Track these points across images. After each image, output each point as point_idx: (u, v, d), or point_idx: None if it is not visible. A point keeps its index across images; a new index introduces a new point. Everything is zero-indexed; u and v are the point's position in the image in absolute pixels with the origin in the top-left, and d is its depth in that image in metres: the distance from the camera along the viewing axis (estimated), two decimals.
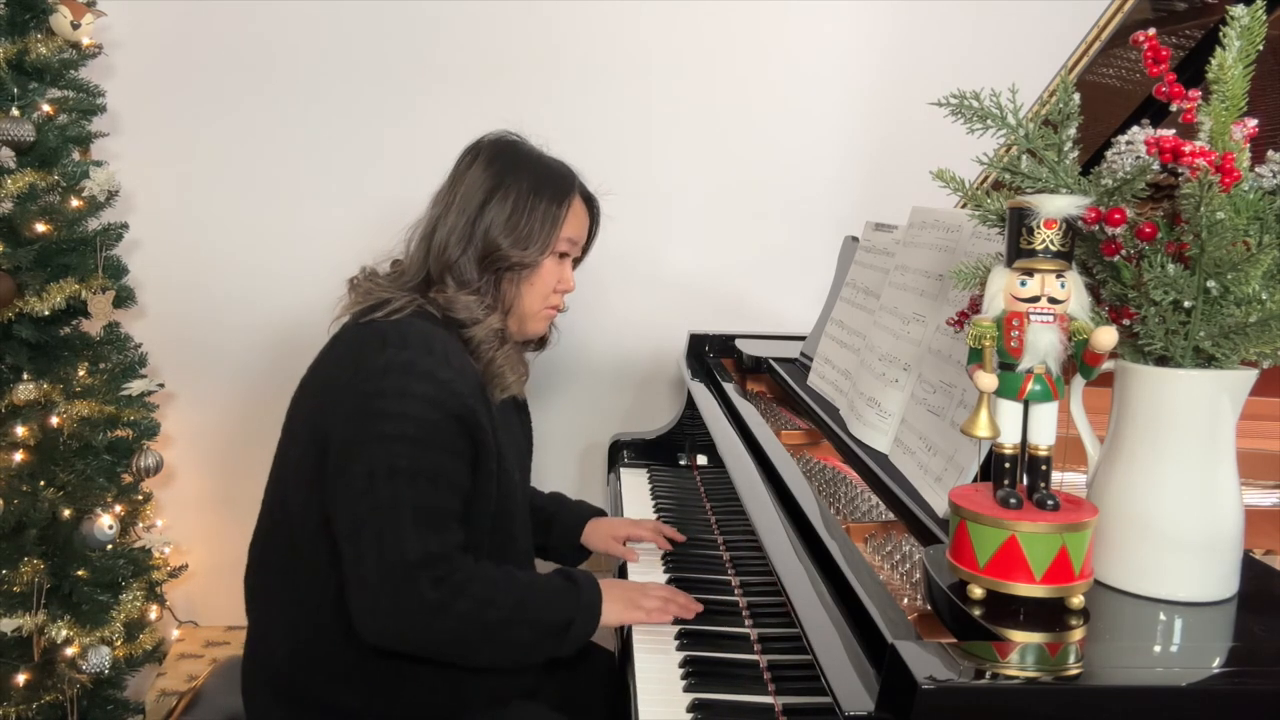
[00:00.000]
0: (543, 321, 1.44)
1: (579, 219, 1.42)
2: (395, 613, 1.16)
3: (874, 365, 1.40)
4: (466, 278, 1.32)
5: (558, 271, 1.41)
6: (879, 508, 1.27)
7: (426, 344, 1.24)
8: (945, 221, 1.35)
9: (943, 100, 0.92)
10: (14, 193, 1.84)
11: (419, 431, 1.19)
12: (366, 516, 1.17)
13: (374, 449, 1.18)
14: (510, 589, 1.23)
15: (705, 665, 1.24)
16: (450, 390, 1.22)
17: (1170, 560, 0.84)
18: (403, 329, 1.26)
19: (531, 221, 1.34)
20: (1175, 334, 0.84)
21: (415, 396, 1.19)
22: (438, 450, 1.20)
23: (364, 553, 1.16)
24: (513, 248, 1.33)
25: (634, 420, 2.45)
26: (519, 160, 1.39)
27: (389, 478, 1.17)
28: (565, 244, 1.39)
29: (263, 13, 2.27)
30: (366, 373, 1.22)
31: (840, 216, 2.36)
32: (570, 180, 1.41)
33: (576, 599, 1.28)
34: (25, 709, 1.84)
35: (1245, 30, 0.83)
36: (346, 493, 1.19)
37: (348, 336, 1.32)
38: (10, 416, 1.87)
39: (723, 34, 2.34)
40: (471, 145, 1.42)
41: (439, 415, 1.20)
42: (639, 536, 1.62)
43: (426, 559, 1.16)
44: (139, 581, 2.02)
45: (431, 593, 1.15)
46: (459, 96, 2.30)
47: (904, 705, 0.69)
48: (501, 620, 1.21)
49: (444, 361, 1.23)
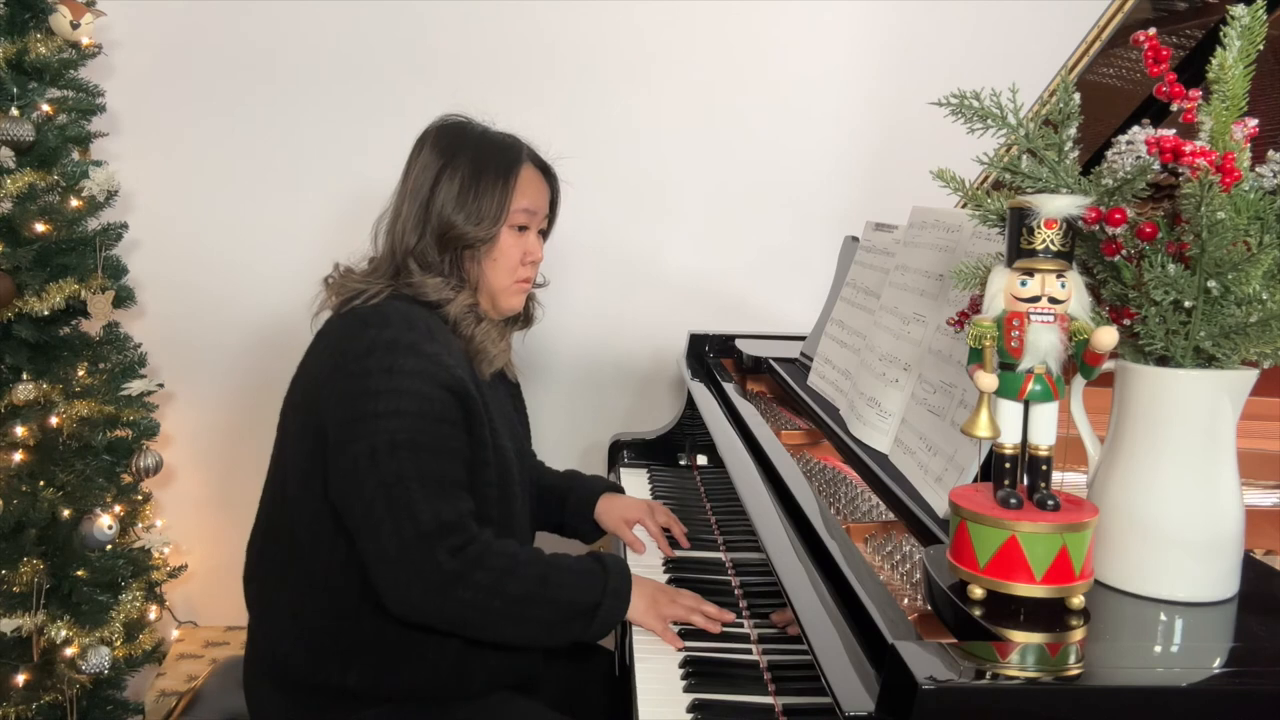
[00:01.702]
0: (516, 296, 1.43)
1: (533, 187, 1.40)
2: (416, 582, 1.17)
3: (874, 365, 1.40)
4: (429, 260, 1.33)
5: (520, 243, 1.40)
6: (879, 508, 1.27)
7: (408, 321, 1.26)
8: (945, 221, 1.35)
9: (943, 100, 0.92)
10: (14, 193, 1.84)
11: (412, 404, 1.20)
12: (375, 493, 1.18)
13: (371, 426, 1.19)
14: (532, 565, 1.23)
15: (705, 665, 1.24)
16: (437, 362, 1.23)
17: (1170, 560, 0.84)
18: (383, 310, 1.28)
19: (481, 195, 1.34)
20: (1176, 334, 0.84)
21: (403, 372, 1.21)
22: (434, 420, 1.21)
23: (379, 528, 1.17)
24: (466, 224, 1.33)
25: (634, 420, 2.45)
26: (463, 138, 1.39)
27: (390, 452, 1.18)
28: (521, 215, 1.38)
29: (263, 13, 2.27)
30: (352, 355, 1.23)
31: (840, 216, 2.36)
32: (516, 150, 1.40)
33: (604, 583, 1.27)
34: (25, 709, 1.84)
35: (1245, 30, 0.83)
36: (352, 474, 1.20)
37: (329, 328, 1.34)
38: (10, 416, 1.87)
39: (721, 34, 2.34)
40: (421, 134, 1.43)
41: (429, 387, 1.21)
42: (644, 527, 1.62)
43: (441, 527, 1.17)
44: (138, 581, 2.02)
45: (450, 562, 1.16)
46: (459, 97, 2.29)
47: (904, 705, 0.69)
48: (522, 595, 1.20)
49: (428, 336, 1.25)
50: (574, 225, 2.37)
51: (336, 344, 1.28)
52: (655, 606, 1.30)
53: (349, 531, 1.22)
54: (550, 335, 2.38)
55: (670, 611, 1.30)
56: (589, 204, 2.35)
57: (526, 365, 2.34)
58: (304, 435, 1.27)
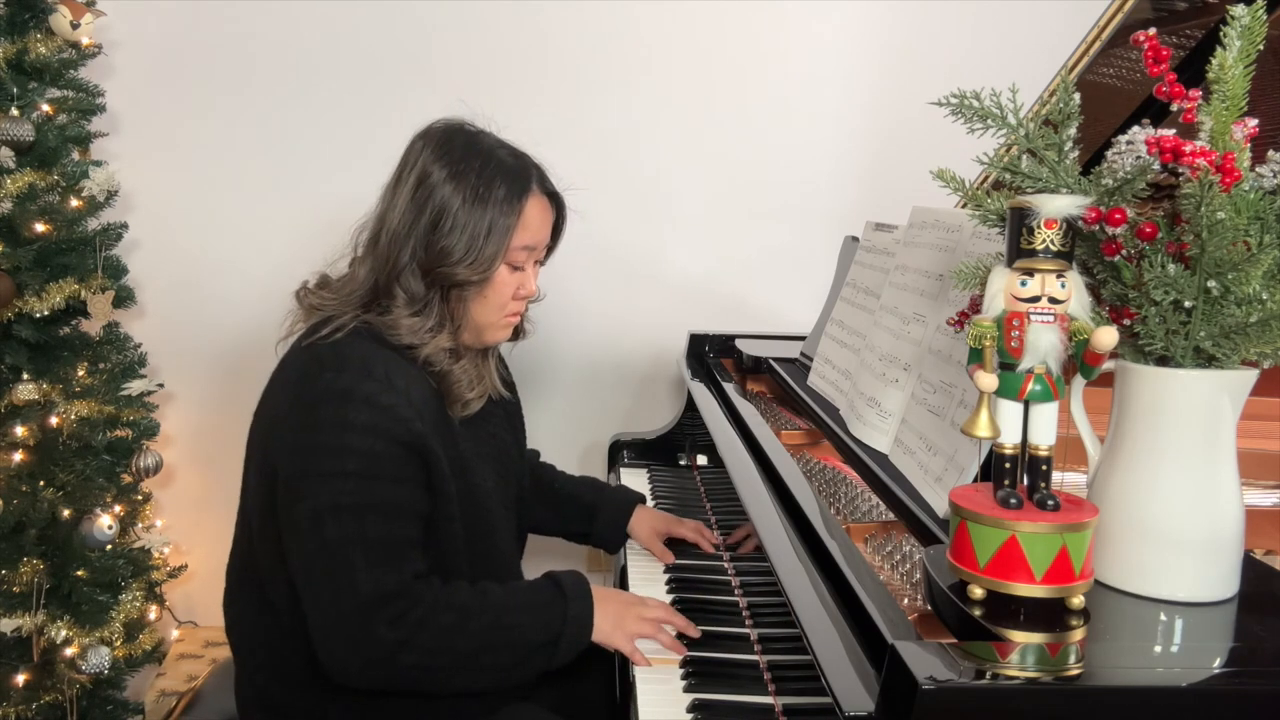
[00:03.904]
0: (503, 331, 1.34)
1: (537, 220, 1.29)
2: (354, 658, 1.12)
3: (874, 365, 1.40)
4: (413, 292, 1.23)
5: (514, 280, 1.29)
6: (879, 508, 1.27)
7: (365, 367, 1.17)
8: (945, 221, 1.35)
9: (943, 100, 0.92)
10: (13, 193, 1.84)
11: (361, 465, 1.13)
12: (316, 557, 1.12)
13: (317, 486, 1.13)
14: (484, 612, 1.18)
15: (705, 665, 1.24)
16: (392, 416, 1.15)
17: (1170, 560, 0.84)
18: (341, 352, 1.19)
19: (482, 230, 1.22)
20: (1176, 334, 0.84)
21: (355, 427, 1.13)
22: (384, 481, 1.14)
23: (318, 595, 1.13)
24: (460, 261, 1.22)
25: (634, 420, 2.45)
26: (472, 155, 1.25)
27: (335, 515, 1.12)
28: (521, 253, 1.27)
29: (263, 13, 2.26)
30: (305, 403, 1.16)
31: (840, 216, 2.35)
32: (526, 177, 1.27)
33: (564, 611, 1.22)
34: (25, 709, 1.84)
35: (1245, 30, 0.83)
36: (294, 533, 1.15)
37: (289, 361, 1.26)
38: (10, 416, 1.87)
39: (721, 33, 2.34)
40: (420, 133, 1.30)
41: (382, 444, 1.14)
42: (680, 535, 1.60)
43: (381, 598, 1.11)
44: (138, 581, 2.02)
45: (390, 633, 1.11)
46: (460, 97, 2.29)
47: (904, 705, 0.69)
48: (476, 648, 1.16)
49: (385, 385, 1.16)
50: (574, 225, 2.36)
51: (292, 386, 1.21)
52: (621, 625, 1.26)
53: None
54: (550, 335, 2.38)
55: (637, 629, 1.26)
56: (589, 204, 2.34)
57: (526, 365, 2.35)
58: (261, 473, 1.21)
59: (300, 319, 1.30)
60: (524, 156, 1.31)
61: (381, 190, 1.31)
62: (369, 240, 1.29)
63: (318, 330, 1.23)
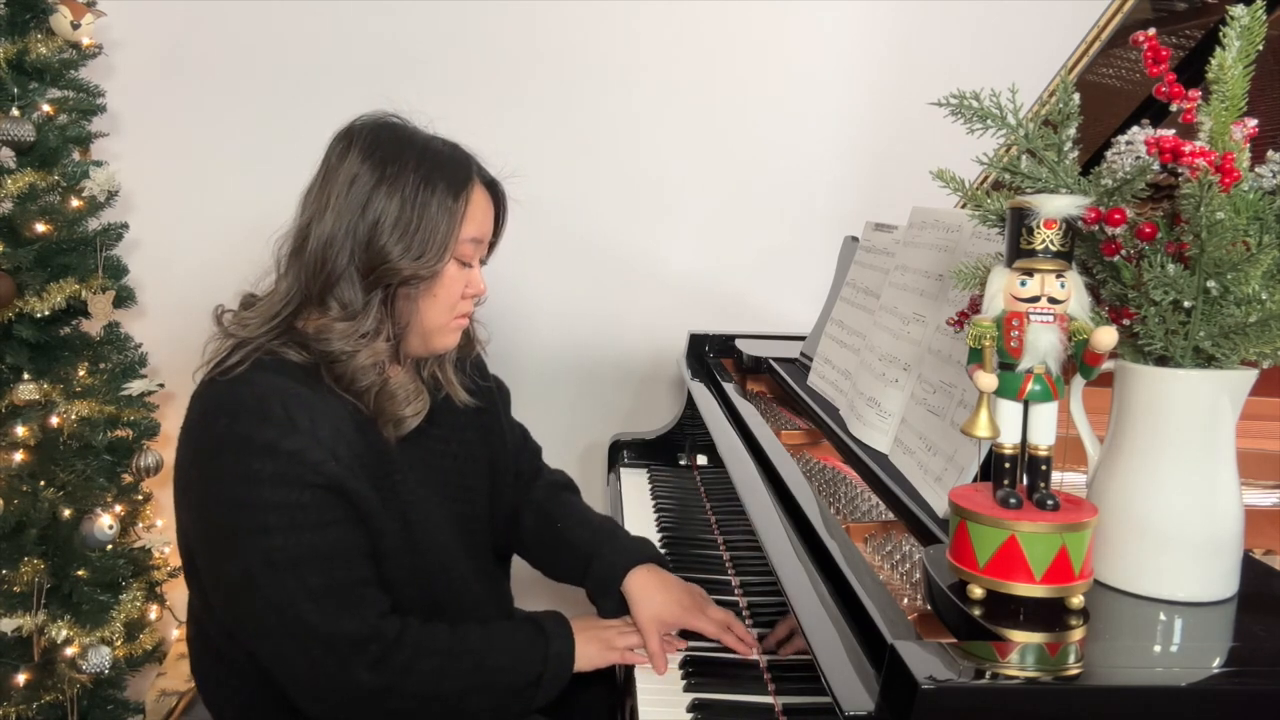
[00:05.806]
0: (452, 334, 1.25)
1: (481, 211, 1.21)
2: (340, 703, 1.08)
3: (874, 365, 1.40)
4: (348, 300, 1.13)
5: (463, 277, 1.21)
6: (879, 508, 1.27)
7: (262, 410, 1.06)
8: (945, 221, 1.35)
9: (943, 100, 0.92)
10: (14, 193, 1.84)
11: (281, 518, 1.04)
12: (265, 616, 1.06)
13: (241, 544, 1.05)
14: (466, 656, 1.15)
15: (705, 665, 1.24)
16: (299, 461, 1.05)
17: (1170, 560, 0.84)
18: (236, 392, 1.08)
19: (425, 223, 1.14)
20: (1175, 334, 0.84)
21: (261, 480, 1.04)
22: (311, 529, 1.06)
23: (281, 652, 1.08)
24: (404, 257, 1.13)
25: (634, 420, 2.45)
26: (402, 148, 1.17)
27: (270, 573, 1.04)
28: (469, 246, 1.19)
29: (264, 13, 2.26)
30: (205, 453, 1.09)
31: (840, 216, 2.35)
32: (466, 167, 1.20)
33: (544, 650, 1.19)
34: (25, 709, 1.84)
35: (1245, 30, 0.83)
36: (233, 596, 1.08)
37: (193, 398, 1.15)
38: (10, 416, 1.87)
39: (721, 33, 2.34)
40: (342, 131, 1.22)
41: (295, 493, 1.05)
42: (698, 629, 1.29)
43: (351, 645, 1.06)
44: (139, 581, 2.02)
45: (374, 679, 1.07)
46: (460, 99, 2.30)
47: (904, 705, 0.69)
48: (460, 690, 1.13)
49: (286, 428, 1.05)
50: (574, 225, 2.38)
51: (193, 430, 1.12)
52: (607, 643, 1.25)
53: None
54: (550, 335, 2.38)
55: (625, 642, 1.27)
56: (589, 204, 2.36)
57: (525, 366, 2.36)
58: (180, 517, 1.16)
59: (218, 343, 1.18)
60: (458, 147, 1.23)
61: (300, 198, 1.23)
62: (291, 252, 1.20)
63: (226, 360, 1.13)
